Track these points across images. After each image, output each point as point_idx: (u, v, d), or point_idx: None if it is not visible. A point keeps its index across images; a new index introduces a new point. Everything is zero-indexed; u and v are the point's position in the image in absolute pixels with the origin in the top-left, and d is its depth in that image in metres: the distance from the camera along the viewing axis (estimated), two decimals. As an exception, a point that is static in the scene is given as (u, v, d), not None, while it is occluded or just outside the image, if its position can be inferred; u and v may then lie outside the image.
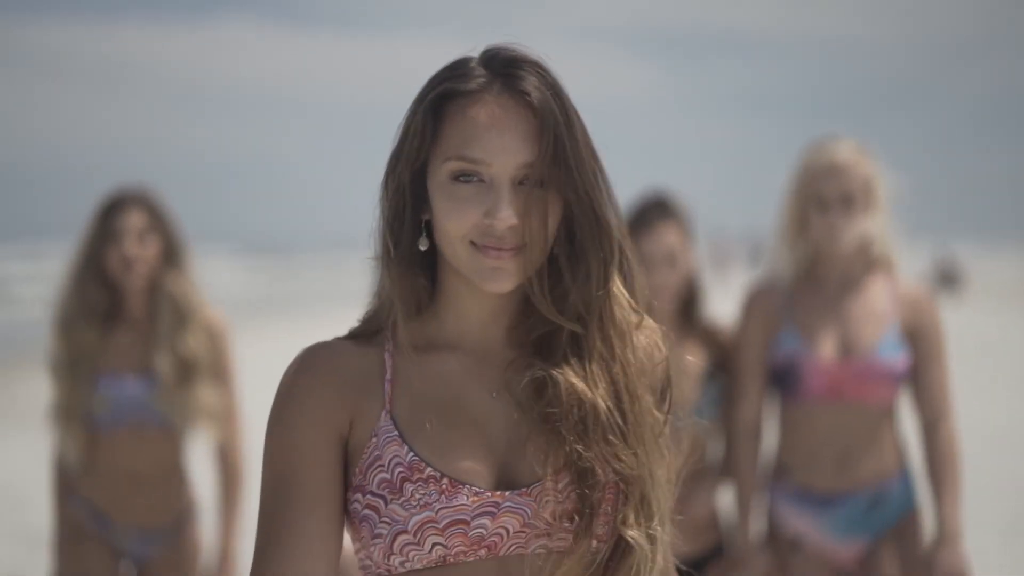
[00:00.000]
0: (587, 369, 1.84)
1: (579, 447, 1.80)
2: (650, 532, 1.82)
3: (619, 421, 1.83)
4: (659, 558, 1.84)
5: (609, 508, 1.81)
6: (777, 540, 3.93)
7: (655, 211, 4.05)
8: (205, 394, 4.30)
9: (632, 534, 1.81)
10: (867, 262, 3.91)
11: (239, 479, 4.47)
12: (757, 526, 3.99)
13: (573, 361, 1.84)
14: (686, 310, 4.07)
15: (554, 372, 1.83)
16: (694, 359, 3.93)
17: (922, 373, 3.86)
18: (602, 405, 1.82)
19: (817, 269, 3.94)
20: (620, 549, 1.82)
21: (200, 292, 4.41)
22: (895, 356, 3.82)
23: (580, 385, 1.83)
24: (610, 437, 1.81)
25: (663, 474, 1.85)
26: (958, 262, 36.56)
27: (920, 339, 3.85)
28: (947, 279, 33.84)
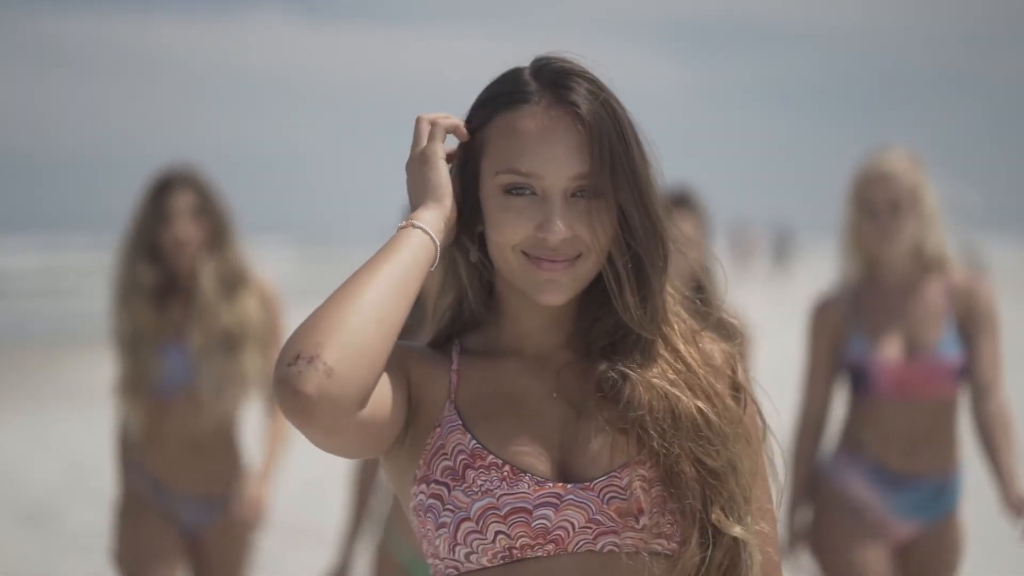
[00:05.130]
0: (661, 369, 1.83)
1: (666, 445, 1.77)
2: (745, 525, 1.80)
3: (705, 418, 1.80)
4: (755, 552, 1.81)
5: (677, 507, 1.78)
6: (841, 507, 4.09)
7: (673, 202, 4.28)
8: (251, 364, 4.44)
9: (736, 531, 1.78)
10: (922, 264, 4.12)
11: (283, 438, 4.58)
12: (805, 519, 4.16)
13: (645, 364, 1.83)
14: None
15: (632, 372, 1.81)
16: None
17: (975, 350, 4.04)
18: (688, 402, 1.80)
19: (876, 273, 4.16)
20: (722, 547, 1.79)
21: (249, 263, 4.54)
22: (955, 352, 4.03)
23: (661, 383, 1.81)
24: (703, 435, 1.79)
25: (748, 466, 1.82)
26: (984, 253, 36.64)
27: (972, 320, 4.05)
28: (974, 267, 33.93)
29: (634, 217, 1.80)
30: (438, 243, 1.79)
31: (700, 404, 1.81)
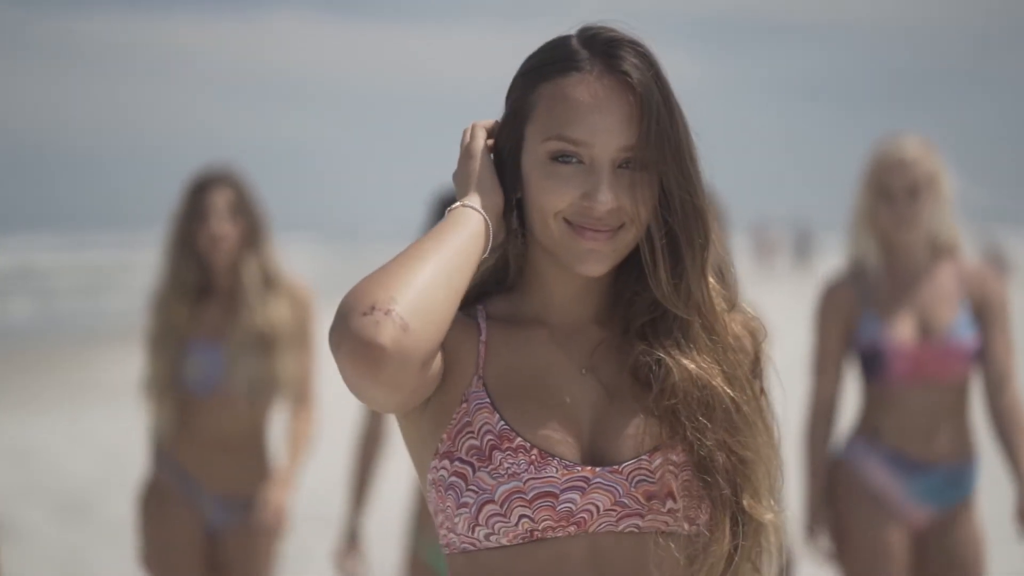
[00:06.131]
0: (698, 356, 1.80)
1: (699, 434, 1.77)
2: (774, 511, 1.81)
3: (737, 407, 1.79)
4: (775, 537, 1.83)
5: (707, 494, 1.78)
6: (859, 494, 4.13)
7: None
8: (282, 366, 4.46)
9: (768, 517, 1.80)
10: (934, 250, 4.17)
11: (307, 441, 4.58)
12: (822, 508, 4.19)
13: (684, 347, 1.81)
14: None
15: (667, 357, 1.79)
16: None
17: (988, 340, 4.09)
18: (723, 392, 1.79)
19: (889, 258, 4.18)
20: (751, 535, 1.80)
21: (282, 265, 4.57)
22: (969, 334, 4.08)
23: (696, 369, 1.79)
24: (735, 424, 1.78)
25: (768, 453, 1.82)
26: (1006, 248, 36.46)
27: (985, 309, 4.10)
28: (995, 265, 33.83)
29: (675, 193, 1.78)
30: (491, 224, 1.79)
31: (733, 393, 1.80)
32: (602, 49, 1.79)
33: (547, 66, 1.80)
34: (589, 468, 1.75)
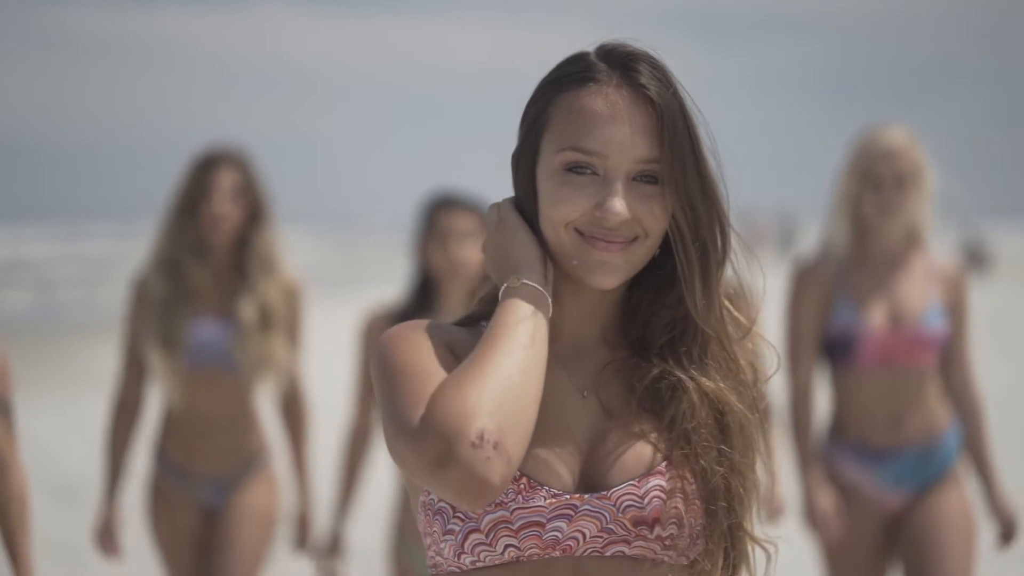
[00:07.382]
0: (716, 375, 1.80)
1: (712, 464, 1.75)
2: (766, 538, 1.80)
3: (751, 429, 1.79)
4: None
5: (706, 522, 1.77)
6: (833, 488, 4.21)
7: None
8: (279, 345, 4.42)
9: (762, 539, 1.80)
10: (908, 239, 4.23)
11: (306, 427, 4.59)
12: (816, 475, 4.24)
13: (703, 367, 1.80)
14: None
15: (688, 379, 1.78)
16: None
17: (955, 341, 4.21)
18: (738, 414, 1.78)
19: (864, 245, 4.24)
20: (740, 563, 1.79)
21: (282, 252, 4.53)
22: (939, 324, 4.17)
23: (715, 391, 1.78)
24: (746, 448, 1.78)
25: (758, 477, 1.82)
26: (985, 241, 36.48)
27: (955, 311, 4.21)
28: (975, 258, 33.80)
29: (699, 207, 1.78)
30: (549, 296, 1.77)
31: (748, 414, 1.80)
32: (620, 62, 1.80)
33: (565, 78, 1.81)
34: (578, 496, 1.75)
